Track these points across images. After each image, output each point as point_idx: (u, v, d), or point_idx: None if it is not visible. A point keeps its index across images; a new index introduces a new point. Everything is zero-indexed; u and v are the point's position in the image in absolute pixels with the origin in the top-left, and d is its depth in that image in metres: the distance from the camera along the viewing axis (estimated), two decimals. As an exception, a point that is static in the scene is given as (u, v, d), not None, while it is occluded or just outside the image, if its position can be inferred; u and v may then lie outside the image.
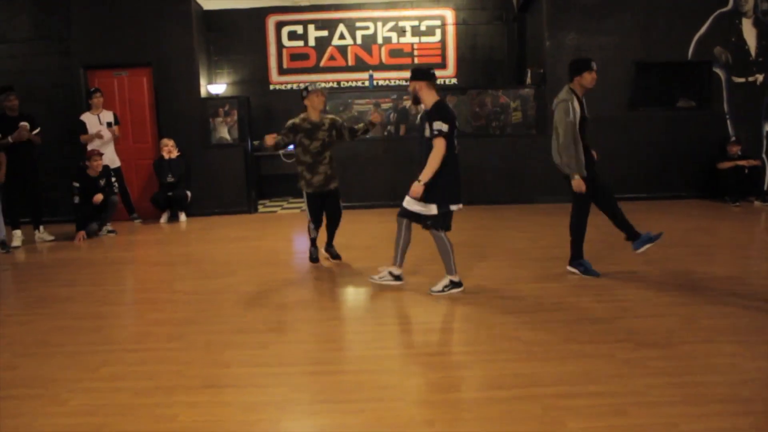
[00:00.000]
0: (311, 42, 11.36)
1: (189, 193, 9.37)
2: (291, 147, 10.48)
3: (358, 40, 11.33)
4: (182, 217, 9.38)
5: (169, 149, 9.15)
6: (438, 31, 11.30)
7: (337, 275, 5.98)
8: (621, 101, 9.56)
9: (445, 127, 4.97)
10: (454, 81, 11.35)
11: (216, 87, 10.83)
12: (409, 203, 5.15)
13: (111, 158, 9.07)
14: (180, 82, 9.57)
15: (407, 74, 10.97)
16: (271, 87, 11.38)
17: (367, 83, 10.77)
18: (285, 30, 11.32)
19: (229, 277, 6.02)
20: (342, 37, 11.32)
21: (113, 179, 8.63)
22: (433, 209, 5.09)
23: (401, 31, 11.30)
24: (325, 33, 11.32)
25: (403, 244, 5.42)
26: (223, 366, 3.90)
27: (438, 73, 11.28)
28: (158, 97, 9.62)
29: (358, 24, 11.27)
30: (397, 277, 5.51)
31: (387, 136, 9.87)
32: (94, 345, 4.31)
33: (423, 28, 11.30)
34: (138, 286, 6.10)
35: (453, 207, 5.15)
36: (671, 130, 9.55)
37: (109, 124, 9.02)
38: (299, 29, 11.32)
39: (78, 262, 6.98)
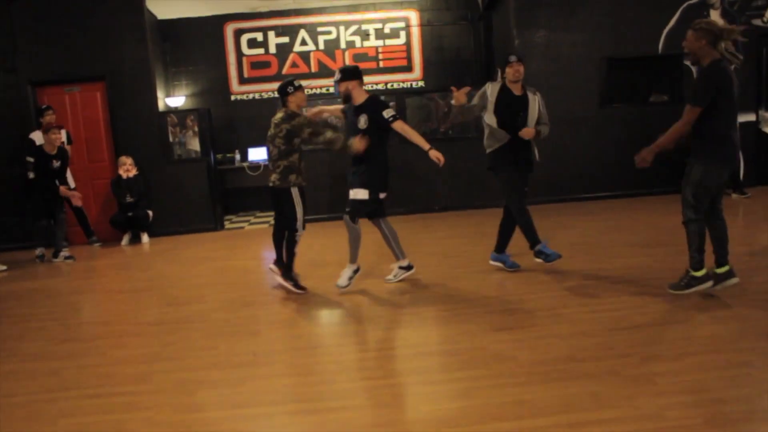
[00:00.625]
0: (272, 49, 10.97)
1: (150, 213, 8.91)
2: (261, 159, 10.22)
3: (321, 46, 10.99)
4: (144, 238, 8.92)
5: (127, 168, 8.68)
6: (402, 34, 11.02)
7: (311, 296, 5.61)
8: (592, 98, 9.40)
9: (394, 111, 5.39)
10: (421, 84, 11.08)
11: (174, 100, 10.39)
12: (356, 194, 5.39)
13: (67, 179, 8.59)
14: (136, 95, 9.10)
15: (374, 78, 10.85)
16: (233, 97, 10.96)
17: (332, 90, 10.43)
18: (244, 38, 10.92)
19: (197, 304, 5.62)
20: (304, 43, 10.96)
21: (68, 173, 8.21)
22: (364, 194, 5.35)
23: (365, 35, 10.99)
24: (286, 39, 10.95)
25: (390, 238, 5.71)
26: (196, 410, 3.53)
27: (404, 76, 11.16)
28: (113, 112, 9.14)
29: (319, 29, 10.93)
30: (408, 267, 5.78)
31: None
32: (51, 392, 3.90)
33: (387, 30, 11.00)
34: (99, 319, 5.65)
35: (381, 195, 5.47)
36: (644, 125, 9.36)
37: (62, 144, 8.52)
38: (259, 36, 10.93)
39: (33, 294, 6.50)
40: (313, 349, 4.37)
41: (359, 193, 5.38)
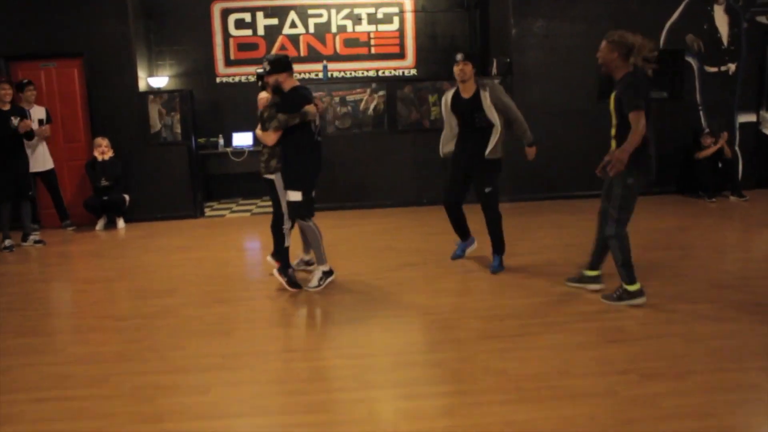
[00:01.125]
0: (260, 31, 10.54)
1: (127, 197, 8.51)
2: (246, 145, 9.86)
3: (311, 29, 10.57)
4: (120, 223, 8.53)
5: (103, 149, 8.27)
6: (396, 19, 10.63)
7: (291, 294, 5.28)
8: (590, 92, 9.06)
9: (290, 119, 4.90)
10: (413, 72, 10.70)
11: (158, 80, 9.97)
12: (290, 195, 5.10)
13: (43, 159, 8.17)
14: (115, 74, 8.66)
15: (364, 65, 10.49)
16: (218, 80, 10.54)
17: (320, 75, 10.04)
18: (232, 18, 10.48)
19: (167, 298, 5.28)
20: (293, 25, 10.55)
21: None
22: (297, 196, 5.05)
23: (357, 19, 10.59)
24: (275, 21, 10.53)
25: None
26: (153, 420, 3.21)
27: (396, 63, 10.80)
28: (91, 90, 8.71)
29: (310, 11, 10.51)
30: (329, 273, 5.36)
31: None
32: (-4, 394, 3.57)
33: (380, 15, 10.61)
34: (62, 311, 5.30)
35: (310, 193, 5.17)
36: (642, 122, 9.09)
37: (40, 122, 8.13)
38: (247, 17, 10.50)
39: (-5, 280, 6.13)
40: (287, 353, 4.05)
41: (291, 195, 5.07)
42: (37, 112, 8.14)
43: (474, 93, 5.34)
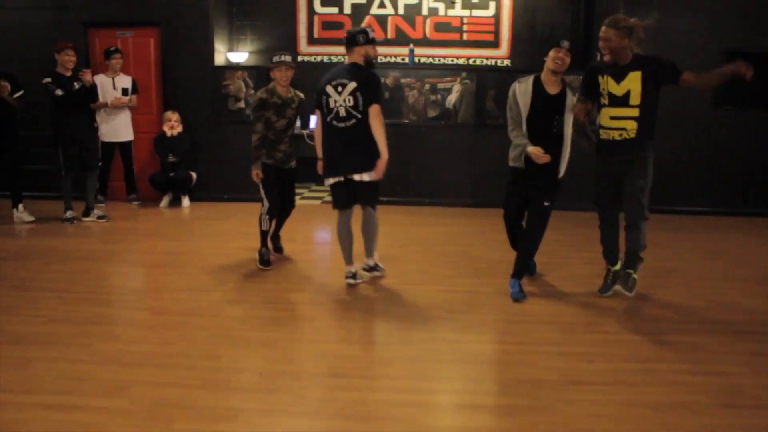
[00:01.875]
0: (347, 9, 9.99)
1: (194, 175, 8.18)
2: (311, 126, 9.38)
3: (401, 10, 9.93)
4: (185, 201, 8.19)
5: (172, 124, 7.93)
6: (492, 5, 9.83)
7: (355, 299, 4.72)
8: (705, 97, 8.05)
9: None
10: (507, 63, 9.91)
11: (238, 55, 9.59)
12: None
13: (126, 129, 8.09)
14: (191, 46, 8.32)
15: (455, 52, 9.79)
16: (300, 58, 10.06)
17: (407, 59, 9.41)
18: (318, -6, 10.00)
19: (214, 292, 4.81)
20: (382, 5, 9.93)
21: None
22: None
23: (450, 3, 9.88)
24: (363, 0, 9.97)
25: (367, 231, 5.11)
26: (164, 451, 2.71)
27: (489, 52, 10.03)
28: (166, 62, 8.41)
29: (401, -9, 9.89)
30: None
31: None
32: (7, 392, 3.17)
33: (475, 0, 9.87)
34: (101, 296, 4.86)
35: (328, 180, 4.97)
36: (763, 135, 8.03)
37: (124, 91, 7.94)
38: (334, -6, 9.99)
39: (45, 254, 5.81)
40: (333, 379, 3.45)
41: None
42: (122, 81, 7.97)
43: (561, 91, 4.60)
